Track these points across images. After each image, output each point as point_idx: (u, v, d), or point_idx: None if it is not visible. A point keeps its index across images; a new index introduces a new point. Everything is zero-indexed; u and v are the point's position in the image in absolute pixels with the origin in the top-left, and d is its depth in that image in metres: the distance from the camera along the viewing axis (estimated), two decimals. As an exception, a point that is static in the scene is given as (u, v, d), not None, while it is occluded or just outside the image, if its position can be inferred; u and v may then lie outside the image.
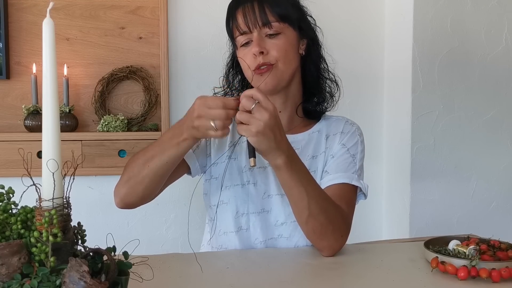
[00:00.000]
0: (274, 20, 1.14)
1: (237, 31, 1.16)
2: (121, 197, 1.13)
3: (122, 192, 1.13)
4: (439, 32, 2.11)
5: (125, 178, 1.12)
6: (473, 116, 2.18)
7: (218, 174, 1.22)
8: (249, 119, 0.93)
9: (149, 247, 2.05)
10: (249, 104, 0.93)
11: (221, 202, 1.21)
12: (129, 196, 1.12)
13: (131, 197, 1.12)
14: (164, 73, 2.14)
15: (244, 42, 1.16)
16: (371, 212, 2.32)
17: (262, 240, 1.20)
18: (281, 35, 1.15)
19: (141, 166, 1.09)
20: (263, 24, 1.14)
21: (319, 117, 1.28)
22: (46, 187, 0.63)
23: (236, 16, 1.17)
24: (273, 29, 1.14)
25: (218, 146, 1.24)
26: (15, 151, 1.95)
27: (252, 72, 1.14)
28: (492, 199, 2.23)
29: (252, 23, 1.14)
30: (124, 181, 1.12)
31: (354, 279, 0.99)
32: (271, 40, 1.15)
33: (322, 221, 1.06)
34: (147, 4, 2.17)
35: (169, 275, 0.99)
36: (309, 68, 1.25)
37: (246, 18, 1.14)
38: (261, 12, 1.14)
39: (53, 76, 0.65)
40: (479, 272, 0.93)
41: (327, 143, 1.24)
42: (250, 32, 1.15)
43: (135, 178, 1.10)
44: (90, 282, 0.58)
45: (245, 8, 1.15)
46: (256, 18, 1.14)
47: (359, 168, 1.23)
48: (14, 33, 2.11)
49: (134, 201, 1.13)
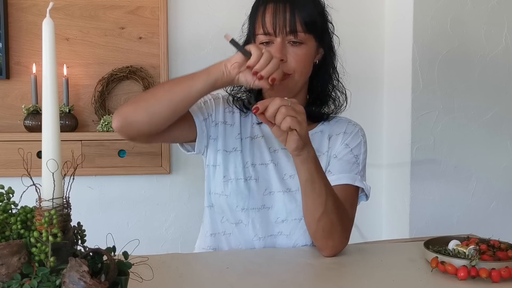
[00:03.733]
0: (301, 30, 1.11)
1: (262, 29, 1.13)
2: (125, 114, 1.07)
3: (127, 110, 1.07)
4: (439, 32, 2.11)
5: (134, 100, 1.09)
6: (473, 116, 2.18)
7: (221, 163, 1.21)
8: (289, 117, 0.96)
9: (149, 247, 2.05)
10: (285, 102, 0.98)
11: (222, 193, 1.20)
12: (135, 113, 1.06)
13: (137, 115, 1.05)
14: (164, 73, 2.14)
15: (265, 41, 1.14)
16: (371, 212, 2.32)
17: (261, 236, 1.20)
18: (304, 46, 1.13)
19: (160, 94, 1.06)
20: (290, 31, 1.11)
21: (321, 119, 1.28)
22: (46, 187, 0.63)
23: (265, 14, 1.13)
24: (298, 38, 1.12)
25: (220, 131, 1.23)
26: (15, 151, 1.95)
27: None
28: (492, 199, 2.23)
29: (280, 28, 1.11)
30: (132, 102, 1.09)
31: (354, 279, 0.99)
32: (293, 48, 1.12)
33: (333, 220, 1.08)
34: (147, 4, 2.17)
35: (169, 275, 0.99)
36: (320, 77, 1.24)
37: (275, 20, 1.11)
38: (291, 18, 1.10)
39: (53, 76, 0.65)
40: (479, 272, 0.93)
41: (330, 143, 1.24)
42: (275, 35, 1.12)
43: (144, 95, 1.08)
44: (90, 282, 0.58)
45: (277, 8, 1.11)
46: (286, 24, 1.11)
47: (362, 169, 1.23)
48: (14, 33, 2.11)
49: (139, 122, 1.06)
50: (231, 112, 1.25)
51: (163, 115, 1.06)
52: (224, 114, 1.23)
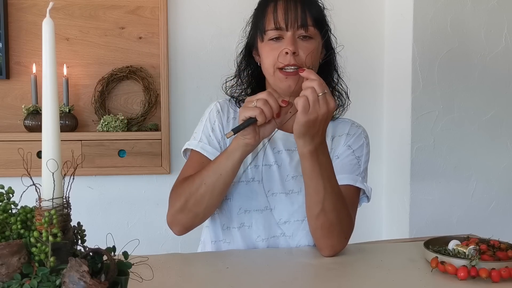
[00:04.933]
0: (311, 24, 1.13)
1: (273, 24, 1.14)
2: (183, 224, 1.13)
3: (182, 219, 1.13)
4: (439, 32, 2.11)
5: (180, 204, 1.12)
6: (473, 116, 2.18)
7: None
8: (313, 104, 0.97)
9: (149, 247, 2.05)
10: (320, 89, 0.98)
11: (224, 198, 1.20)
12: (192, 220, 1.13)
13: (194, 221, 1.13)
14: (164, 73, 2.14)
15: (274, 37, 1.14)
16: (371, 212, 2.32)
17: (264, 237, 1.20)
18: (313, 40, 1.14)
19: (197, 186, 1.09)
20: (301, 25, 1.12)
21: None
22: (46, 187, 0.63)
23: (276, 10, 1.14)
24: (308, 32, 1.13)
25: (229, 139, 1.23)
26: (15, 151, 1.95)
27: (275, 69, 1.13)
28: (492, 199, 2.23)
29: (291, 22, 1.12)
30: (180, 207, 1.12)
31: (354, 279, 1.00)
32: (303, 43, 1.13)
33: (332, 219, 1.07)
34: (147, 4, 2.17)
35: (169, 275, 0.99)
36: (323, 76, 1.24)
37: (287, 15, 1.12)
38: (302, 13, 1.13)
39: (53, 76, 0.65)
40: (479, 272, 0.93)
41: (333, 144, 1.24)
42: (286, 30, 1.13)
43: (193, 200, 1.10)
44: (90, 282, 0.58)
45: (288, 4, 1.13)
46: (297, 17, 1.12)
47: (363, 170, 1.23)
48: (14, 33, 2.11)
49: (197, 223, 1.14)
50: (234, 118, 1.25)
51: (215, 202, 1.13)
52: (227, 124, 1.24)
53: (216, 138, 1.22)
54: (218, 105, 1.26)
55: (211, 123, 1.23)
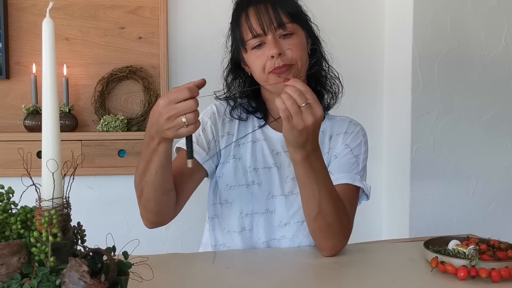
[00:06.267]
0: (287, 21, 1.11)
1: (250, 33, 1.12)
2: (148, 219, 1.13)
3: (143, 214, 1.13)
4: (439, 32, 2.11)
5: (138, 199, 1.12)
6: (473, 116, 2.18)
7: (222, 173, 1.21)
8: (295, 115, 0.92)
9: (149, 247, 2.05)
10: (301, 100, 0.92)
11: (225, 202, 1.20)
12: (149, 215, 1.11)
13: (151, 215, 1.11)
14: (163, 73, 2.14)
15: (256, 45, 1.13)
16: (371, 212, 2.32)
17: (265, 240, 1.20)
18: (295, 35, 1.13)
19: (141, 184, 1.09)
20: (278, 25, 1.11)
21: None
22: (46, 187, 0.63)
23: (248, 18, 1.13)
24: (288, 29, 1.12)
25: (226, 143, 1.22)
26: (15, 151, 1.95)
27: (267, 75, 1.12)
28: (492, 199, 2.23)
29: (267, 25, 1.10)
30: (139, 202, 1.12)
31: (354, 279, 0.99)
32: (286, 41, 1.12)
33: (330, 221, 1.06)
34: (147, 4, 2.17)
35: (169, 275, 0.99)
36: (314, 67, 1.23)
37: (261, 20, 1.11)
38: (275, 14, 1.11)
39: (53, 76, 0.65)
40: (479, 272, 0.93)
41: (331, 143, 1.24)
42: (265, 34, 1.11)
43: (143, 197, 1.10)
44: (90, 282, 0.58)
45: (259, 10, 1.12)
46: (271, 20, 1.10)
47: (362, 169, 1.22)
48: (14, 33, 2.11)
49: (157, 219, 1.12)
50: (231, 120, 1.24)
51: (163, 197, 1.08)
52: (223, 126, 1.22)
53: (206, 138, 1.20)
54: (214, 107, 1.25)
55: (203, 124, 1.21)
